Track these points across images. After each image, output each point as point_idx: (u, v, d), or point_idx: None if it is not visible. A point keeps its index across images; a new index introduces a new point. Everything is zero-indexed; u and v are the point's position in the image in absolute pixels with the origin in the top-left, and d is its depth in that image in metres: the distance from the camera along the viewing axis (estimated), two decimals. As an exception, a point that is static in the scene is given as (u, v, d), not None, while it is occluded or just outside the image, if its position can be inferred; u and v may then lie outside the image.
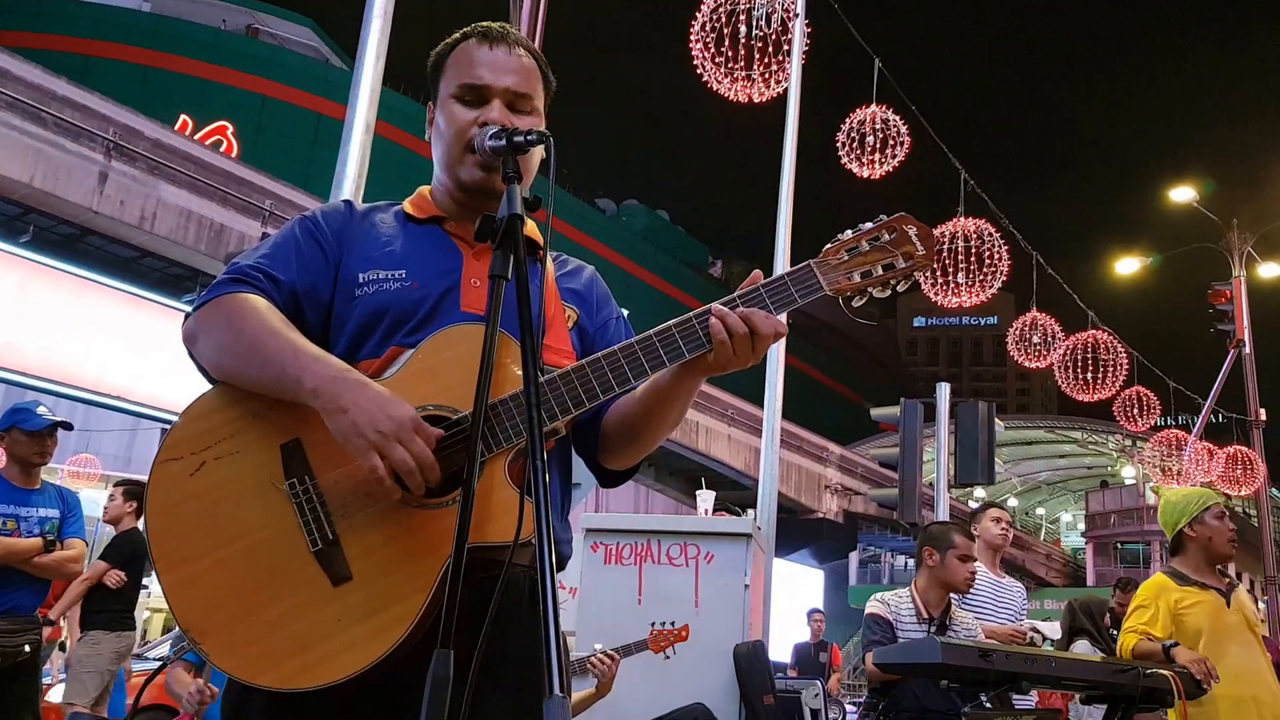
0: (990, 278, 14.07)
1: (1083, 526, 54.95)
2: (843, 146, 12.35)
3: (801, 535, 32.40)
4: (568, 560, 1.85)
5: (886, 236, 1.81)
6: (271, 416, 1.67)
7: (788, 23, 10.40)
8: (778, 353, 9.56)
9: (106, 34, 33.29)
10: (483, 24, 1.95)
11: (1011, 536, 5.87)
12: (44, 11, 32.55)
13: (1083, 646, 6.18)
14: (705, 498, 6.96)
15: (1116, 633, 5.19)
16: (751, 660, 5.79)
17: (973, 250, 14.03)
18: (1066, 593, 34.71)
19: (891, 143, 12.18)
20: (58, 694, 7.04)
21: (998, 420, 12.37)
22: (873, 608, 4.74)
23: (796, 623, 14.28)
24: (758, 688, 5.73)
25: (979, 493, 32.29)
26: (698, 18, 10.59)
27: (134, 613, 7.09)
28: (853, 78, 12.61)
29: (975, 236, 14.06)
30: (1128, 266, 22.88)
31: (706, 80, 10.72)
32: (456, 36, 1.96)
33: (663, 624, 4.80)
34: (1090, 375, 19.22)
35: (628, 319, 2.05)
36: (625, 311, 2.09)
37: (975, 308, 14.74)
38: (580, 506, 9.06)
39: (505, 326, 1.55)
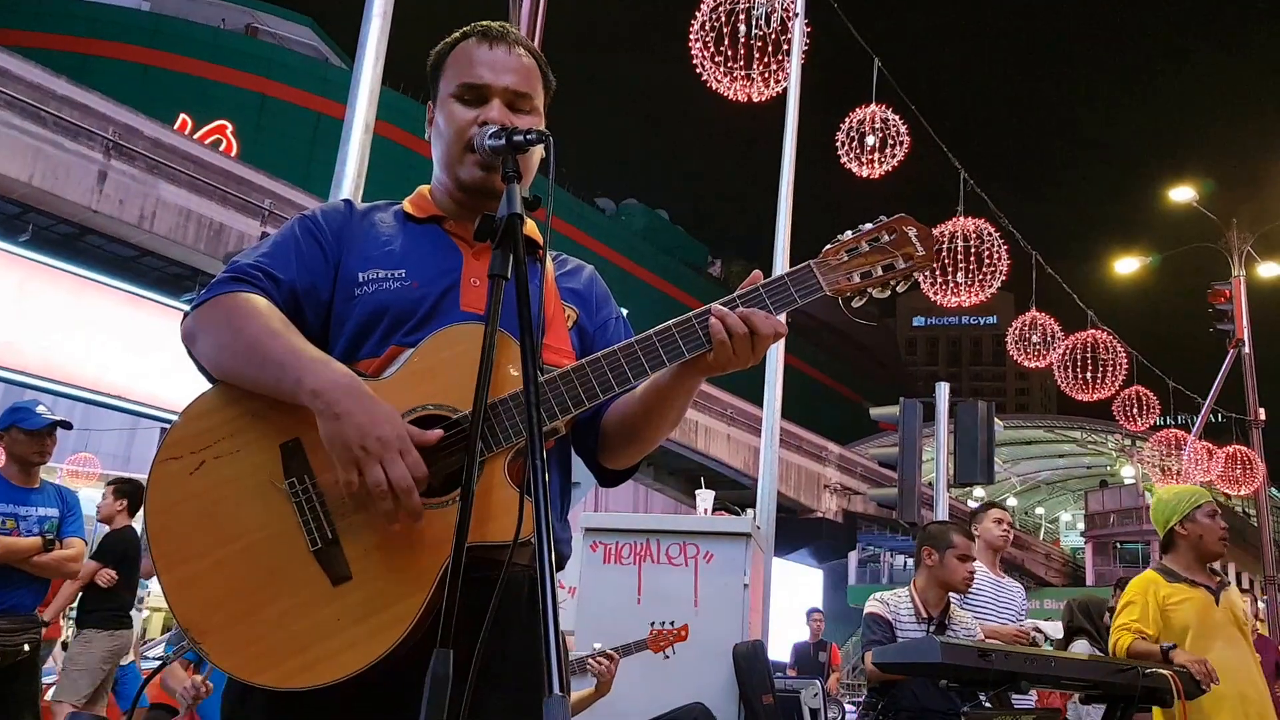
0: (990, 277, 14.07)
1: (1082, 526, 54.95)
2: (842, 146, 12.36)
3: (801, 535, 32.40)
4: (567, 560, 1.85)
5: (886, 237, 1.81)
6: (271, 416, 1.67)
7: (787, 22, 10.40)
8: (777, 352, 9.56)
9: (106, 33, 33.27)
10: (482, 23, 1.94)
11: (1012, 537, 5.87)
12: (43, 10, 32.53)
13: (1081, 646, 6.18)
14: (704, 497, 6.96)
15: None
16: (751, 660, 5.79)
17: (972, 250, 14.03)
18: (1066, 592, 34.72)
19: (891, 142, 12.19)
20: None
21: (997, 420, 12.38)
22: (872, 607, 4.74)
23: (796, 622, 14.28)
24: (757, 687, 5.73)
25: (978, 492, 32.32)
26: (697, 17, 10.60)
27: (129, 611, 7.05)
28: (852, 77, 12.62)
29: (975, 236, 14.06)
30: (1127, 266, 22.88)
31: (706, 80, 10.73)
32: (456, 36, 1.96)
33: (662, 624, 4.80)
34: (1089, 375, 19.23)
35: (627, 318, 2.05)
36: (624, 311, 2.09)
37: (975, 307, 14.75)
38: (579, 506, 9.06)
39: (505, 326, 1.55)
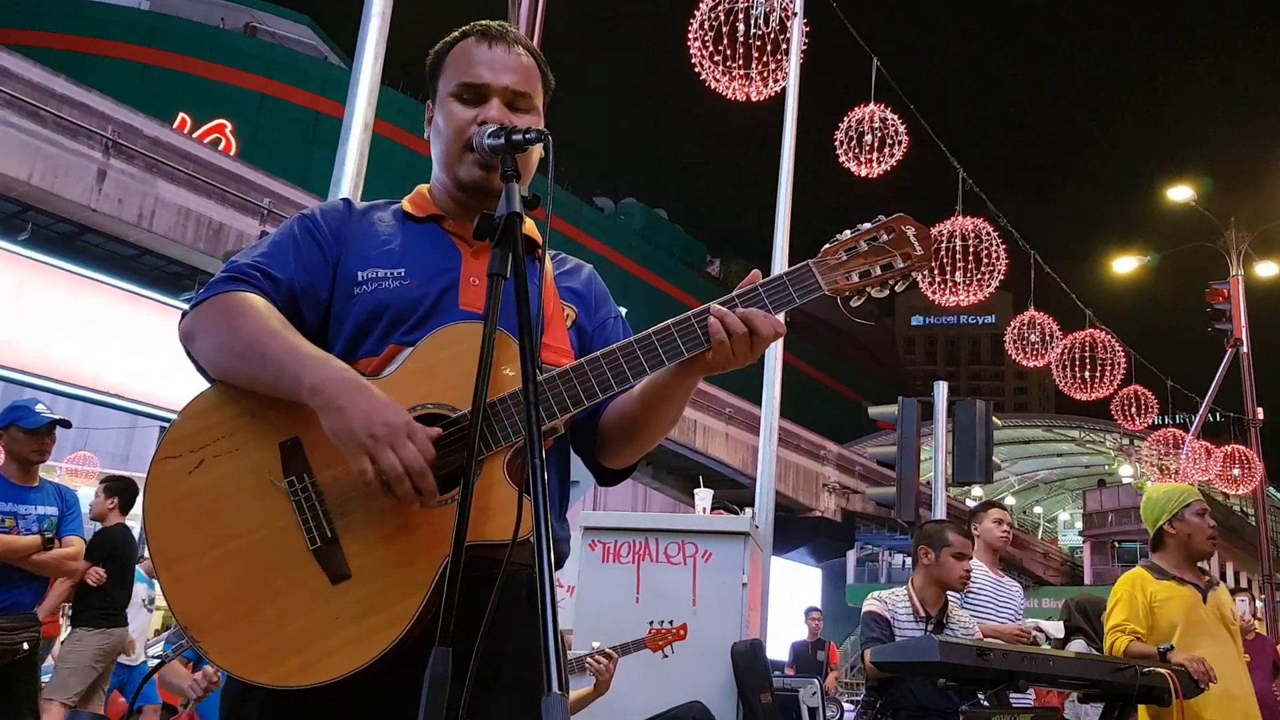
0: (988, 276, 14.08)
1: (1080, 525, 54.92)
2: (841, 145, 12.37)
3: (799, 534, 32.41)
4: (566, 558, 1.85)
5: (885, 237, 1.81)
6: (270, 415, 1.67)
7: (786, 21, 10.40)
8: (776, 351, 9.57)
9: (105, 32, 33.25)
10: (482, 22, 1.95)
11: (1012, 537, 5.88)
12: (43, 10, 32.50)
13: (1078, 646, 6.19)
14: (703, 496, 6.96)
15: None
16: (749, 659, 5.79)
17: (970, 249, 14.04)
18: (1064, 591, 34.76)
19: (889, 142, 12.20)
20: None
21: (995, 419, 12.39)
22: (870, 606, 4.75)
23: (794, 621, 14.28)
24: (755, 686, 5.74)
25: (976, 491, 32.33)
26: (696, 16, 10.60)
27: (122, 610, 6.98)
28: (851, 77, 12.61)
29: (973, 235, 14.07)
30: (1125, 265, 22.88)
31: (705, 79, 10.73)
32: (455, 35, 1.96)
33: (661, 623, 4.80)
34: (1088, 374, 19.24)
35: (625, 318, 2.05)
36: (623, 310, 2.10)
37: (973, 307, 14.76)
38: (578, 505, 9.07)
39: (504, 325, 1.55)
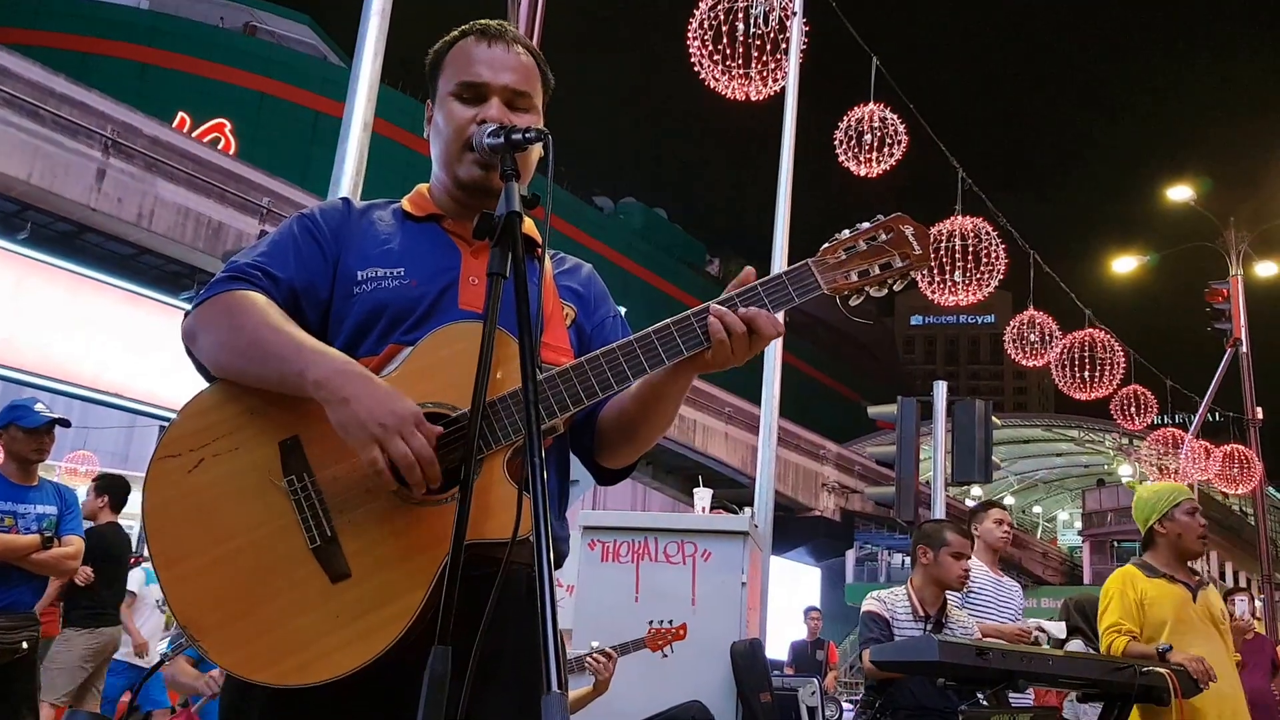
0: (987, 276, 14.08)
1: (1079, 525, 54.95)
2: (840, 145, 12.37)
3: (798, 533, 32.42)
4: (565, 558, 1.85)
5: (884, 236, 1.81)
6: (270, 413, 1.67)
7: (785, 21, 10.40)
8: (775, 350, 9.56)
9: (105, 31, 33.23)
10: (481, 21, 1.95)
11: (1012, 537, 5.88)
12: (43, 9, 32.48)
13: (1076, 646, 6.19)
14: (702, 496, 6.97)
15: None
16: (748, 658, 5.79)
17: (970, 249, 14.04)
18: (1063, 591, 34.77)
19: (889, 141, 12.20)
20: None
21: (994, 418, 12.39)
22: (869, 605, 4.75)
23: (793, 621, 14.29)
24: (755, 686, 5.74)
25: (976, 490, 32.32)
26: (696, 16, 10.60)
27: (111, 609, 6.92)
28: (850, 76, 12.61)
29: (972, 235, 14.07)
30: (1125, 265, 22.89)
31: (705, 78, 10.73)
32: (455, 34, 1.96)
33: (661, 622, 4.80)
34: (1087, 374, 19.25)
35: (625, 317, 2.05)
36: (622, 309, 2.10)
37: (972, 306, 14.76)
38: (578, 504, 9.07)
39: (503, 324, 1.55)
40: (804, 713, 7.55)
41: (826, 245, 1.82)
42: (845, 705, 12.14)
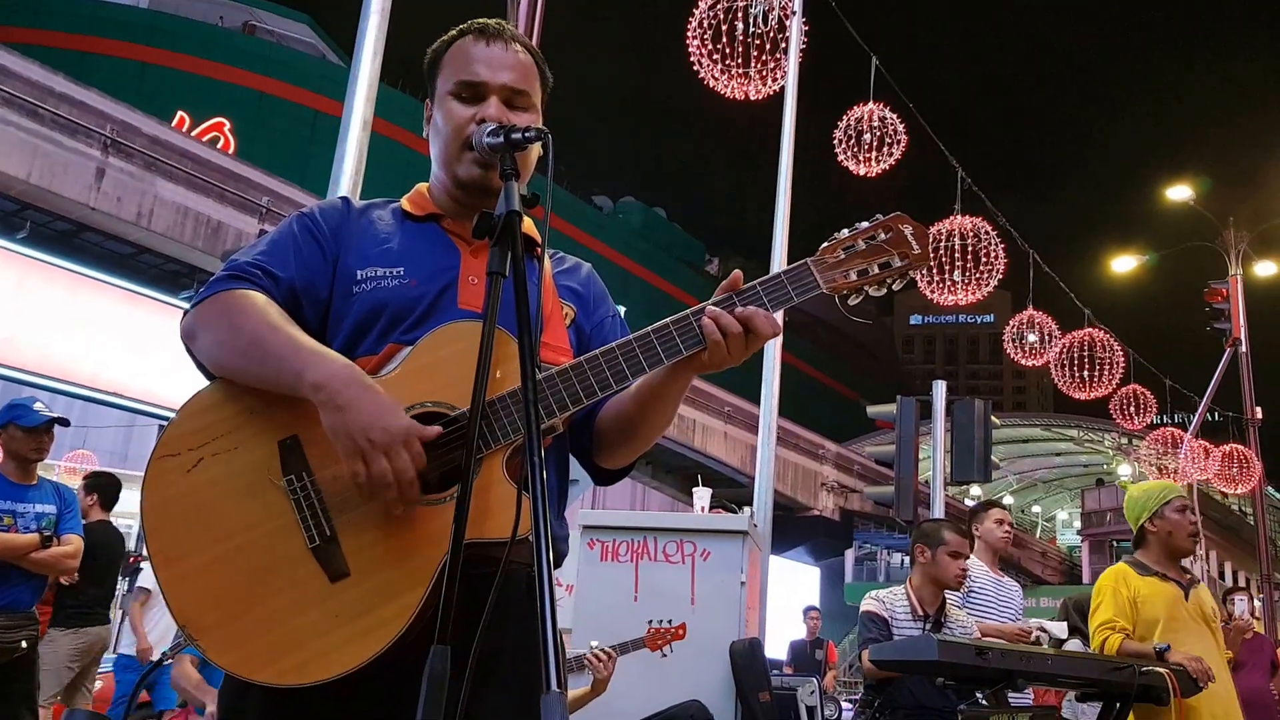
0: (987, 275, 14.10)
1: (1078, 524, 54.92)
2: (840, 144, 12.38)
3: (798, 533, 32.43)
4: (564, 557, 1.85)
5: (883, 235, 1.81)
6: (269, 413, 1.67)
7: (785, 20, 10.41)
8: (774, 350, 9.56)
9: (104, 30, 33.22)
10: (480, 20, 1.94)
11: (1013, 537, 5.88)
12: (42, 8, 32.46)
13: (1075, 646, 6.19)
14: (701, 495, 6.96)
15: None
16: (747, 658, 5.79)
17: (969, 248, 14.06)
18: (1062, 590, 34.75)
19: (888, 141, 12.22)
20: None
21: (993, 418, 12.39)
22: (868, 605, 4.75)
23: (792, 620, 14.28)
24: (754, 685, 5.74)
25: (975, 490, 32.32)
26: (695, 15, 10.61)
27: (98, 609, 6.81)
28: (850, 76, 12.62)
29: (972, 234, 14.09)
30: (1124, 265, 22.89)
31: (704, 78, 10.74)
32: (453, 33, 1.95)
33: (660, 622, 4.80)
34: (1086, 373, 19.28)
35: (624, 316, 2.05)
36: (622, 309, 2.10)
37: (972, 306, 14.77)
38: (577, 503, 9.07)
39: (503, 323, 1.55)
40: (803, 712, 7.55)
41: (825, 245, 1.81)
42: (844, 705, 12.13)
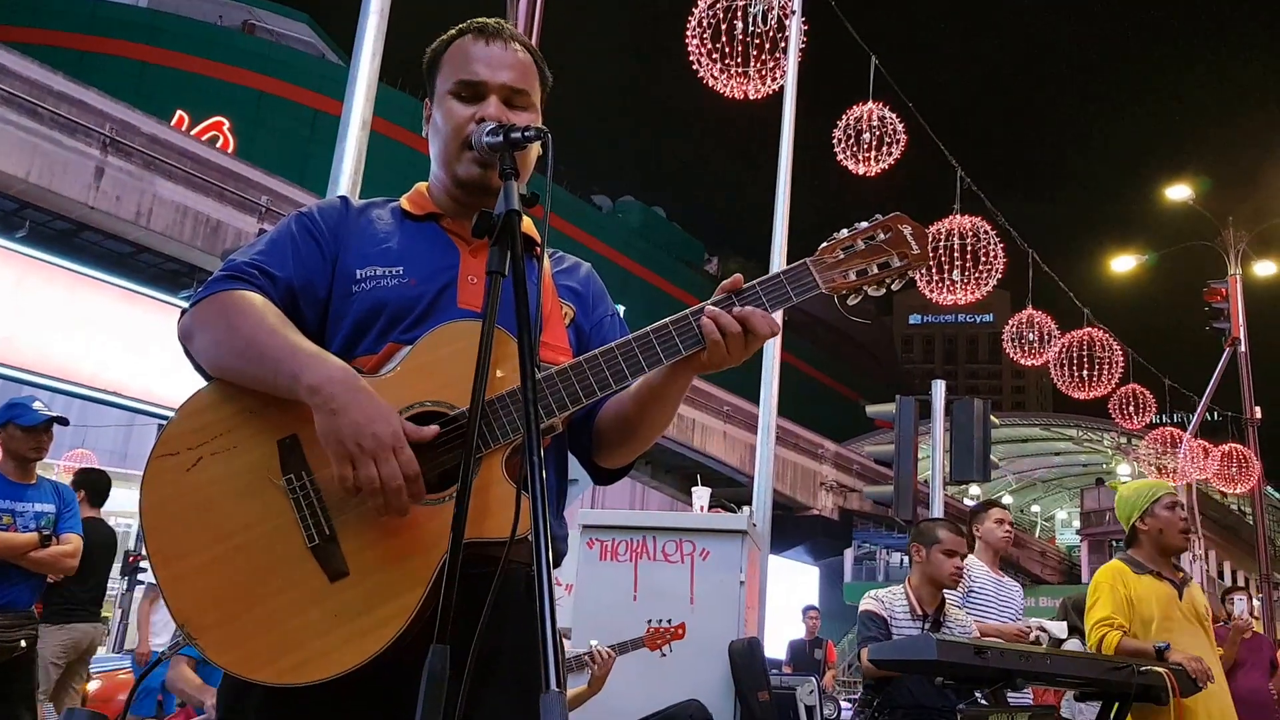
0: (986, 275, 14.10)
1: (1078, 524, 54.93)
2: (839, 144, 12.38)
3: (797, 532, 32.46)
4: (564, 556, 1.85)
5: (882, 235, 1.81)
6: (268, 413, 1.67)
7: (784, 20, 10.41)
8: (773, 350, 9.57)
9: (103, 29, 33.23)
10: (479, 20, 1.94)
11: (1013, 537, 5.87)
12: (41, 7, 32.47)
13: (1074, 645, 6.19)
14: (700, 494, 6.96)
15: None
16: (746, 657, 5.79)
17: (968, 248, 14.06)
18: (1061, 590, 34.77)
19: (888, 140, 12.22)
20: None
21: (993, 417, 12.40)
22: (867, 604, 4.75)
23: (792, 620, 14.29)
24: (753, 684, 5.74)
25: (974, 490, 32.33)
26: (694, 14, 10.61)
27: (86, 605, 6.72)
28: (849, 75, 12.62)
29: (971, 234, 14.10)
30: (1123, 264, 22.90)
31: (703, 77, 10.75)
32: (452, 33, 1.95)
33: (659, 621, 4.80)
34: (1086, 373, 19.29)
35: (623, 316, 2.05)
36: (621, 308, 2.10)
37: (971, 305, 14.77)
38: (577, 503, 9.07)
39: (502, 323, 1.55)
40: (802, 712, 7.55)
41: (824, 244, 1.81)
42: (844, 704, 12.14)
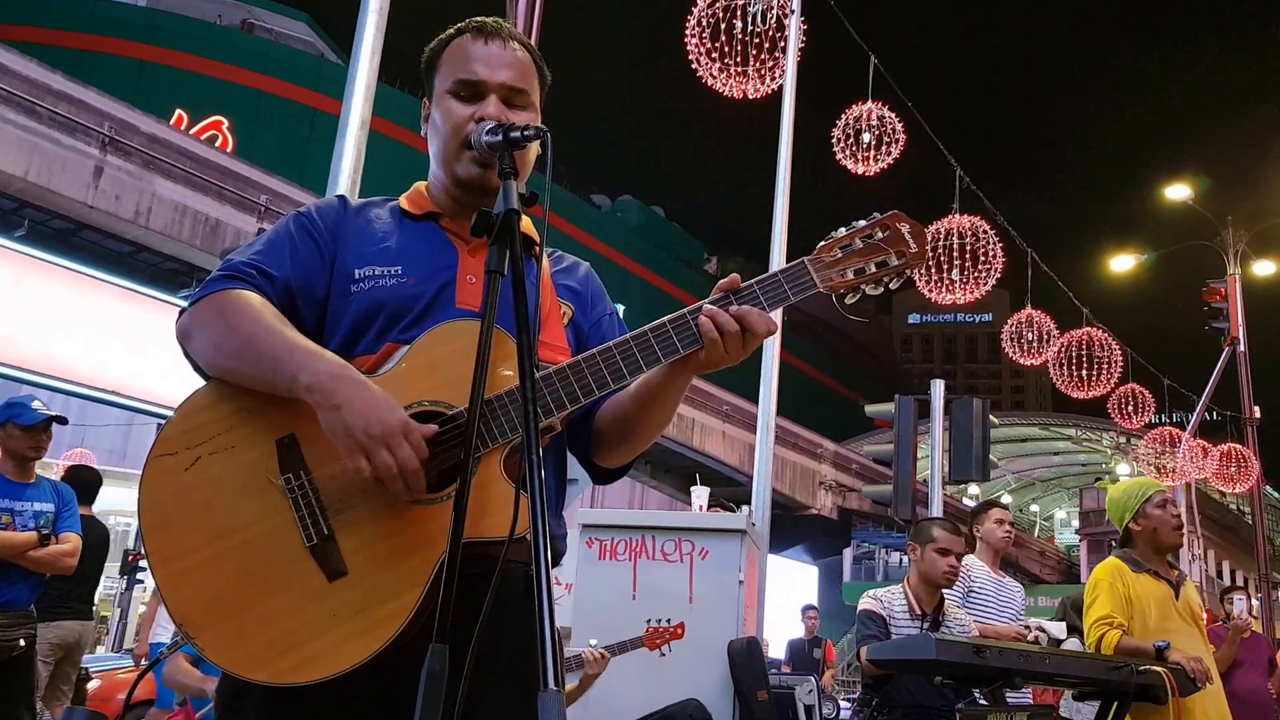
0: (985, 275, 14.10)
1: (1077, 523, 54.94)
2: (838, 143, 12.37)
3: (796, 531, 32.49)
4: (562, 556, 1.85)
5: (880, 234, 1.81)
6: (267, 412, 1.67)
7: (783, 19, 10.41)
8: (773, 349, 9.57)
9: (102, 29, 33.23)
10: (477, 19, 1.94)
11: (1014, 537, 5.86)
12: (40, 6, 32.47)
13: (1075, 645, 6.19)
14: (700, 494, 6.96)
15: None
16: (746, 657, 5.79)
17: (967, 247, 14.06)
18: (1060, 589, 34.78)
19: (887, 140, 12.21)
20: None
21: (992, 417, 12.40)
22: (866, 604, 4.75)
23: (791, 619, 14.30)
24: (752, 684, 5.74)
25: (973, 489, 32.34)
26: (693, 14, 10.61)
27: (76, 603, 6.60)
28: (848, 75, 12.61)
29: (970, 233, 14.09)
30: (1123, 264, 22.91)
31: (702, 76, 10.74)
32: (451, 32, 1.95)
33: (658, 621, 4.80)
34: (1085, 372, 19.29)
35: (622, 315, 2.05)
36: (620, 307, 2.10)
37: (970, 305, 14.78)
38: (576, 502, 9.07)
39: (501, 322, 1.55)
40: (801, 711, 7.56)
41: (822, 243, 1.81)
42: (843, 704, 12.14)
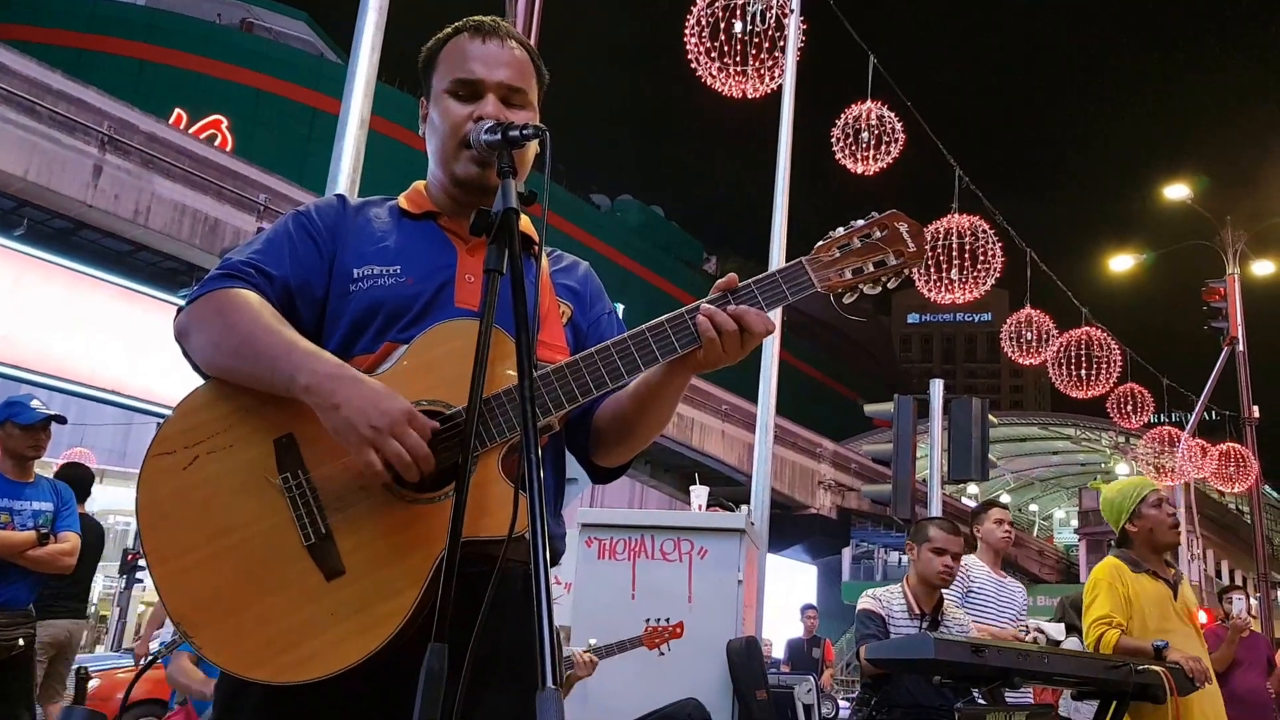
0: (984, 274, 14.11)
1: (1076, 523, 54.94)
2: (838, 143, 12.38)
3: (795, 531, 32.50)
4: (561, 555, 1.85)
5: (878, 233, 1.81)
6: (264, 411, 1.67)
7: (783, 19, 10.41)
8: (772, 349, 9.57)
9: (102, 28, 33.22)
10: (475, 18, 1.94)
11: (1014, 537, 5.85)
12: (40, 5, 32.47)
13: (1073, 644, 6.19)
14: (699, 493, 6.97)
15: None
16: (745, 656, 5.80)
17: (966, 247, 14.06)
18: (1059, 589, 34.80)
19: (886, 139, 12.22)
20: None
21: (991, 416, 12.40)
22: (865, 603, 4.74)
23: (790, 619, 14.30)
24: (751, 683, 5.74)
25: (972, 489, 32.35)
26: (693, 14, 10.61)
27: (69, 600, 6.54)
28: (847, 74, 12.61)
29: (969, 233, 14.10)
30: (1122, 263, 22.92)
31: (702, 76, 10.75)
32: (449, 31, 1.95)
33: (657, 620, 4.80)
34: (1084, 372, 19.30)
35: (621, 315, 2.05)
36: (620, 307, 2.10)
37: (969, 304, 14.79)
38: (576, 501, 9.07)
39: (500, 321, 1.55)
40: (800, 711, 7.56)
41: (821, 243, 1.81)
42: (842, 703, 12.15)
